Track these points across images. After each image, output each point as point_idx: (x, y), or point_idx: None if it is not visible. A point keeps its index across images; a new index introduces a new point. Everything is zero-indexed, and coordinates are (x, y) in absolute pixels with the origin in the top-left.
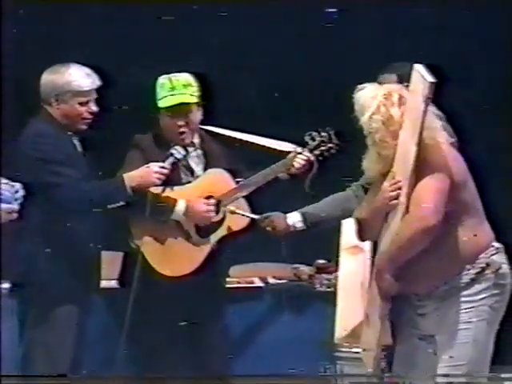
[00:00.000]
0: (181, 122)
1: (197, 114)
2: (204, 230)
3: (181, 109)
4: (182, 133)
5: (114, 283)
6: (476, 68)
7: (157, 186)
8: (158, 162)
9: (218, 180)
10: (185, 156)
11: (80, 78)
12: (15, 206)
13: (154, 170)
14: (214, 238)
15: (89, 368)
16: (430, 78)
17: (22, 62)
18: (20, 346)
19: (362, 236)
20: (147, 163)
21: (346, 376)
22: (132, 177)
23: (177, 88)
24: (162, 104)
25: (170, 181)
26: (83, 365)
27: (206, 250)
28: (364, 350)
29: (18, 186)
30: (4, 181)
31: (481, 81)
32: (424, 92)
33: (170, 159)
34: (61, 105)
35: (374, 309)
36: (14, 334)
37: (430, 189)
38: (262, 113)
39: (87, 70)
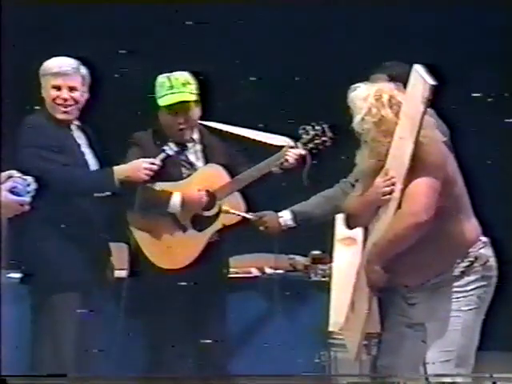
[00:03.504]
0: (180, 120)
1: (195, 111)
2: (200, 224)
3: (180, 107)
4: (182, 129)
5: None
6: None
7: (146, 181)
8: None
9: (213, 175)
10: (178, 152)
11: (53, 61)
12: (27, 199)
13: (142, 166)
14: (210, 231)
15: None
16: (431, 81)
17: (22, 60)
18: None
19: (349, 225)
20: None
21: (342, 376)
22: (121, 170)
23: (176, 86)
24: (162, 102)
25: (170, 176)
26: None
27: (202, 243)
28: (347, 335)
29: (29, 179)
30: (16, 174)
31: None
32: (424, 94)
33: (162, 155)
34: (43, 90)
35: (360, 297)
36: (22, 322)
37: (424, 186)
38: (258, 108)
39: (68, 59)
